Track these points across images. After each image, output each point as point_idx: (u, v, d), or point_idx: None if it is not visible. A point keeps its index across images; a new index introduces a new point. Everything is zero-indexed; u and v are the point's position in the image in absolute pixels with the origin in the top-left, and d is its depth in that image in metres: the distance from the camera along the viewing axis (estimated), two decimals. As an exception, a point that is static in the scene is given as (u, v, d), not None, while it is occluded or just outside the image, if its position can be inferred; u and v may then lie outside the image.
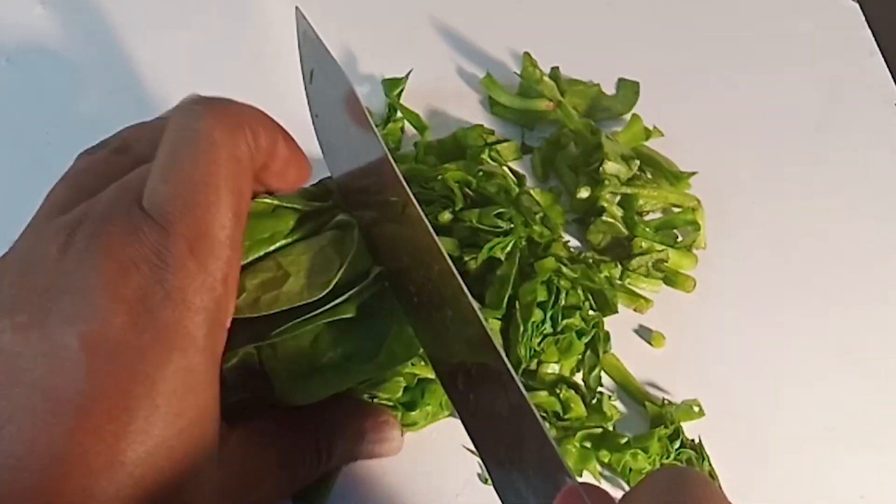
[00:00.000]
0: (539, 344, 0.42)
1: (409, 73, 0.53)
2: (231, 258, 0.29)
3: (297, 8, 0.41)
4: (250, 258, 0.33)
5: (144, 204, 0.28)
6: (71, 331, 0.26)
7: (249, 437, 0.32)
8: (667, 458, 0.41)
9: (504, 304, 0.41)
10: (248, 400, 0.33)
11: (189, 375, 0.27)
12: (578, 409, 0.42)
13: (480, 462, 0.41)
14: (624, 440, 0.42)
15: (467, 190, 0.45)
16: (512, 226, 0.43)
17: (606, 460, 0.42)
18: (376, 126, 0.49)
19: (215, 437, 0.29)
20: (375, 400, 0.38)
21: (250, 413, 0.33)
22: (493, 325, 0.42)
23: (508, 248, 0.42)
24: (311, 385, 0.33)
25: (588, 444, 0.42)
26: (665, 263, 0.48)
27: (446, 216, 0.43)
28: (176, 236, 0.27)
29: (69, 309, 0.26)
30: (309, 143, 0.48)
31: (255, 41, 0.57)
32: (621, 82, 0.57)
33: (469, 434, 0.33)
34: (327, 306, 0.33)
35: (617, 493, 0.41)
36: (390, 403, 0.39)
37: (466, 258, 0.42)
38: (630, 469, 0.41)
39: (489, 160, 0.49)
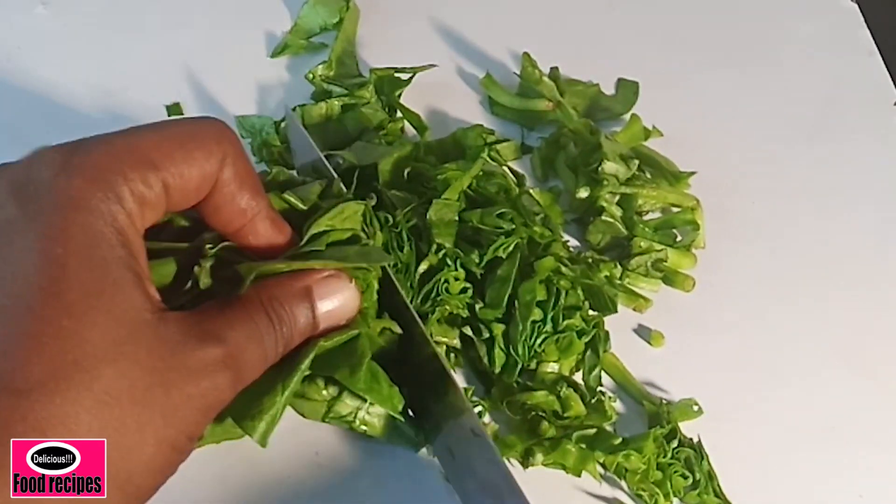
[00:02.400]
0: (539, 345, 0.42)
1: (412, 76, 0.53)
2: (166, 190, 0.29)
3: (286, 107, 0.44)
4: None
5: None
6: None
7: (193, 313, 0.31)
8: (663, 457, 0.41)
9: (504, 303, 0.42)
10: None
11: (88, 231, 0.27)
12: (577, 407, 0.43)
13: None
14: (618, 441, 0.42)
15: (467, 190, 0.45)
16: (514, 226, 0.43)
17: (601, 461, 0.42)
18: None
19: (139, 300, 0.28)
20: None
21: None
22: (497, 330, 0.42)
23: (510, 249, 0.42)
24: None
25: (583, 445, 0.42)
26: (664, 263, 0.48)
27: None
28: (97, 140, 0.29)
29: None
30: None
31: (253, 42, 0.58)
32: (620, 82, 0.57)
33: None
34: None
35: (616, 493, 0.42)
36: None
37: (470, 255, 0.42)
38: (625, 470, 0.41)
39: (489, 160, 0.49)
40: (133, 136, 0.29)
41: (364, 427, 0.39)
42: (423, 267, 0.42)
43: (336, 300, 0.35)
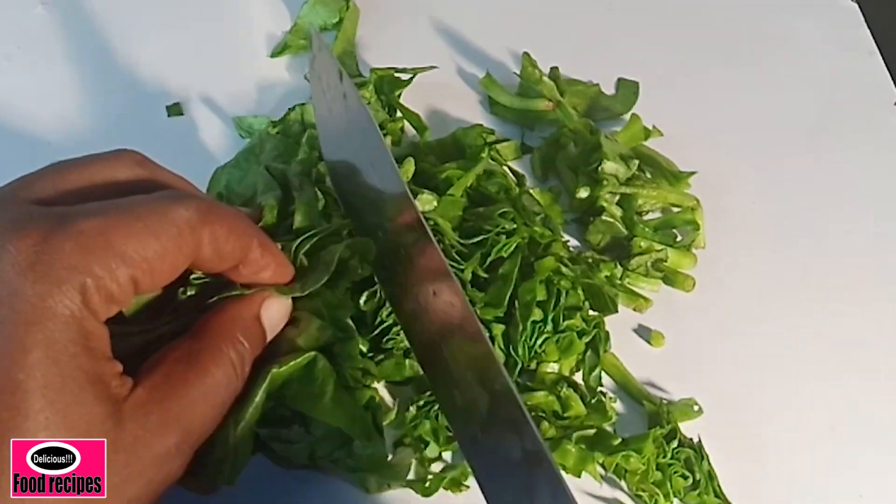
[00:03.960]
0: (540, 345, 0.42)
1: (413, 77, 0.53)
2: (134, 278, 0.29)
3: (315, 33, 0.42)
4: None
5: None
6: None
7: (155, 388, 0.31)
8: (663, 457, 0.41)
9: (505, 303, 0.42)
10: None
11: (50, 348, 0.27)
12: (577, 408, 0.43)
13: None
14: (617, 441, 0.42)
15: (468, 189, 0.45)
16: (515, 226, 0.43)
17: (601, 461, 0.42)
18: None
19: (100, 398, 0.28)
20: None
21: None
22: (496, 330, 0.42)
23: (512, 248, 0.42)
24: None
25: (583, 446, 0.42)
26: (664, 263, 0.48)
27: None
28: (67, 230, 0.28)
29: None
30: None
31: (253, 42, 0.57)
32: (621, 82, 0.57)
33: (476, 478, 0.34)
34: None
35: (616, 494, 0.42)
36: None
37: (468, 248, 0.42)
38: (625, 470, 0.41)
39: (489, 160, 0.49)
40: (106, 222, 0.28)
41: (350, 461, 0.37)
42: None
43: (277, 312, 0.35)
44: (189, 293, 0.34)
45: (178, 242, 0.30)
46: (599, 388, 0.44)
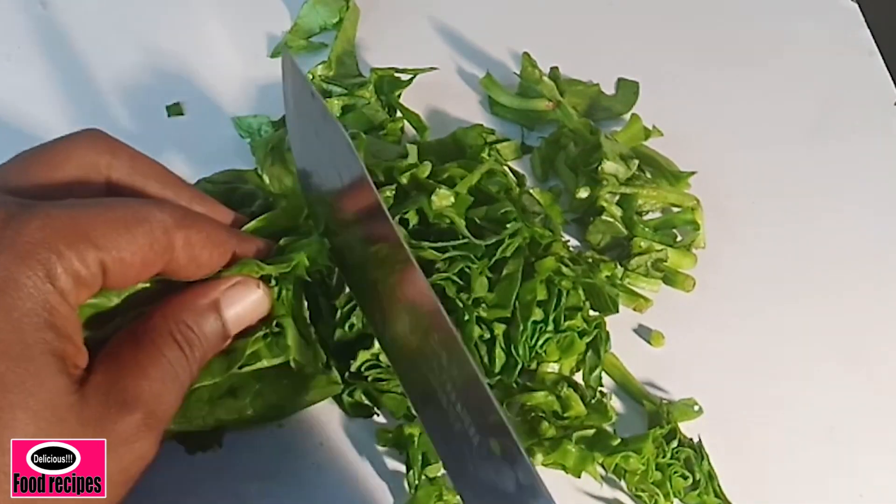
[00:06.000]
0: (541, 345, 0.42)
1: (413, 77, 0.53)
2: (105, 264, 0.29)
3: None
4: None
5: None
6: None
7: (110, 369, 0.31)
8: (662, 457, 0.41)
9: (512, 303, 0.41)
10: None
11: (10, 314, 0.27)
12: (578, 408, 0.43)
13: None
14: (617, 441, 0.42)
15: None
16: (518, 225, 0.43)
17: (601, 461, 0.42)
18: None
19: (60, 376, 0.28)
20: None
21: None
22: (498, 330, 0.42)
23: (514, 248, 0.42)
24: None
25: (583, 446, 0.42)
26: (664, 263, 0.48)
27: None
28: (34, 212, 0.28)
29: None
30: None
31: (253, 42, 0.58)
32: (621, 82, 0.57)
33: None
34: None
35: (616, 494, 0.42)
36: None
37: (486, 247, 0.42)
38: (625, 471, 0.41)
39: (489, 160, 0.49)
40: (75, 210, 0.29)
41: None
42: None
43: (244, 304, 0.34)
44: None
45: (149, 238, 0.30)
46: (599, 388, 0.44)
